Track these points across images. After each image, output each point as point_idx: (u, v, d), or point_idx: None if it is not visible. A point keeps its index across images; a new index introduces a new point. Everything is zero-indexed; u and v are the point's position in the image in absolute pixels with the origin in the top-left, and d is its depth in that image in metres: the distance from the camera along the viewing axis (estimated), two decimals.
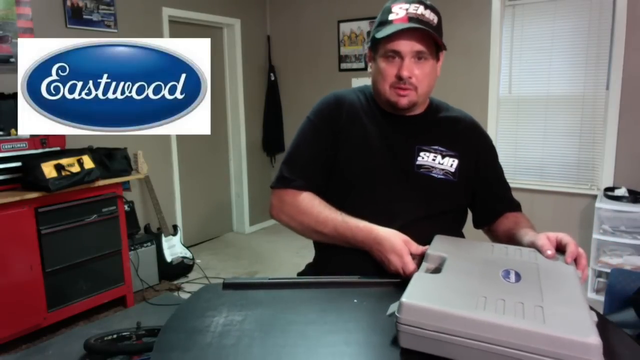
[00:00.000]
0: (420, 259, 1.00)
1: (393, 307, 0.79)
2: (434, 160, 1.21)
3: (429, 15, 1.13)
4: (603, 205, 3.06)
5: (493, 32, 3.62)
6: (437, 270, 0.92)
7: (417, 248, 1.05)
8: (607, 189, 3.24)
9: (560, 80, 3.48)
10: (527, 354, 0.68)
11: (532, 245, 1.03)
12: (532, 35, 3.54)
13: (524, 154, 3.69)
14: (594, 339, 0.66)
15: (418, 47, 1.12)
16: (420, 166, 1.20)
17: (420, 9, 1.13)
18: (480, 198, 1.29)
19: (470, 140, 1.27)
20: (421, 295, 0.79)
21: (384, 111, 1.25)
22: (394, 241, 1.06)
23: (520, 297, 0.77)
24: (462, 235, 1.32)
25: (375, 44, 1.17)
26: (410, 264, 1.02)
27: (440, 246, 1.01)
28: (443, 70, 1.24)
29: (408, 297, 0.77)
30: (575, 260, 0.96)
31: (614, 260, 3.02)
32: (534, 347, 0.68)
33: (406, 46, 1.12)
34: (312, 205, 1.19)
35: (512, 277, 0.86)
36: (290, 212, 1.22)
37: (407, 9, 1.13)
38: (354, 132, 1.23)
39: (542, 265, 0.92)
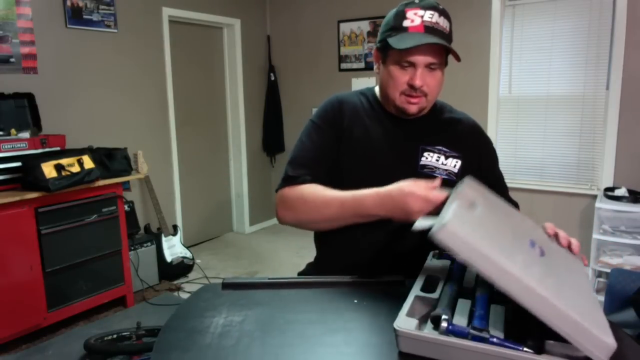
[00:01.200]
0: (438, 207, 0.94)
1: (422, 223, 0.77)
2: (437, 160, 1.21)
3: (443, 22, 1.12)
4: (603, 205, 3.06)
5: (493, 33, 3.62)
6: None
7: (429, 186, 0.99)
8: (607, 189, 3.24)
9: (560, 80, 3.48)
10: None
11: None
12: (532, 35, 3.54)
13: (524, 154, 3.69)
14: (612, 341, 0.68)
15: (432, 59, 1.12)
16: (424, 166, 1.21)
17: (435, 17, 1.11)
18: None
19: (473, 142, 1.27)
20: (463, 224, 0.76)
21: (387, 113, 1.25)
22: (402, 185, 1.02)
23: (549, 274, 0.77)
24: None
25: (386, 48, 1.15)
26: (433, 192, 0.96)
27: (469, 191, 0.96)
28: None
29: (452, 220, 0.75)
30: (570, 248, 0.97)
31: (614, 260, 3.02)
32: (557, 325, 0.69)
33: (421, 58, 1.11)
34: (315, 190, 1.16)
35: (537, 250, 0.85)
36: (295, 204, 1.18)
37: (422, 17, 1.11)
38: (356, 133, 1.22)
39: (557, 251, 0.93)
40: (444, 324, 0.73)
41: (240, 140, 4.71)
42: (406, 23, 1.12)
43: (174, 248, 3.67)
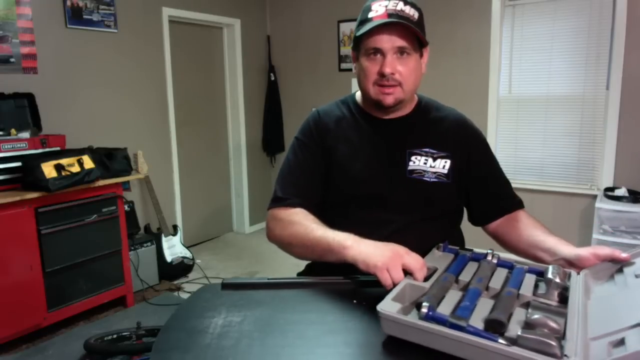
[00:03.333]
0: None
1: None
2: (425, 163, 1.20)
3: (409, 10, 1.12)
4: (603, 205, 3.06)
5: (493, 32, 3.62)
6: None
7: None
8: (607, 189, 3.24)
9: (560, 80, 3.48)
10: None
11: (577, 258, 1.01)
12: (532, 35, 3.53)
13: (524, 154, 3.69)
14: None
15: (399, 42, 1.11)
16: (412, 171, 1.19)
17: (400, 5, 1.12)
18: (477, 196, 1.27)
19: (461, 139, 1.25)
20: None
21: (370, 116, 1.24)
22: (345, 237, 1.03)
23: None
24: (460, 234, 1.32)
25: (358, 43, 1.16)
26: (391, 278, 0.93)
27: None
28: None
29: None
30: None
31: None
32: None
33: (387, 42, 1.11)
34: (304, 218, 1.16)
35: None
36: (283, 225, 1.18)
37: (386, 6, 1.12)
38: (342, 149, 1.22)
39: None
40: (424, 310, 0.76)
41: (240, 140, 4.71)
42: (371, 14, 1.13)
43: (174, 248, 3.67)
